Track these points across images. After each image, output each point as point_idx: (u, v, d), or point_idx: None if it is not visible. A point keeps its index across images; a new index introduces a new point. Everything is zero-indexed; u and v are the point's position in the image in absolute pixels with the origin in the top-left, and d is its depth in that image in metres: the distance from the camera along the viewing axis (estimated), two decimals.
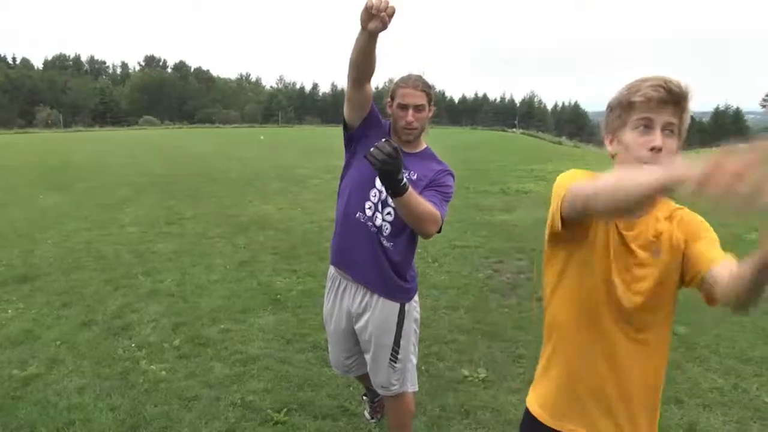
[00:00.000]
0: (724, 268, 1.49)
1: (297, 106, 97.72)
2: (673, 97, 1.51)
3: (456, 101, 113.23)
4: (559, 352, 1.79)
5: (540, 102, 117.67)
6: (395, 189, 2.31)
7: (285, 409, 3.64)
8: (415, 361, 2.96)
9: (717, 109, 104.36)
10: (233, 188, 13.22)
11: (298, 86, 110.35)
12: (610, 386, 1.69)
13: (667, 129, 1.53)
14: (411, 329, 2.87)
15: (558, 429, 1.77)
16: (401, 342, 2.82)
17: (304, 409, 3.69)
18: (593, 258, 1.66)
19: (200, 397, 3.78)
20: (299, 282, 6.25)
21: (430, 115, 2.75)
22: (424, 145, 2.85)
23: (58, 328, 4.86)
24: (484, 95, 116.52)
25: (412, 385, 2.94)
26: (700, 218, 1.67)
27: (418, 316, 2.94)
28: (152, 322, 5.01)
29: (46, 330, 4.80)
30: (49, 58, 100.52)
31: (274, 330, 4.94)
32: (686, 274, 1.61)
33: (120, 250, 7.48)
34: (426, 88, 2.67)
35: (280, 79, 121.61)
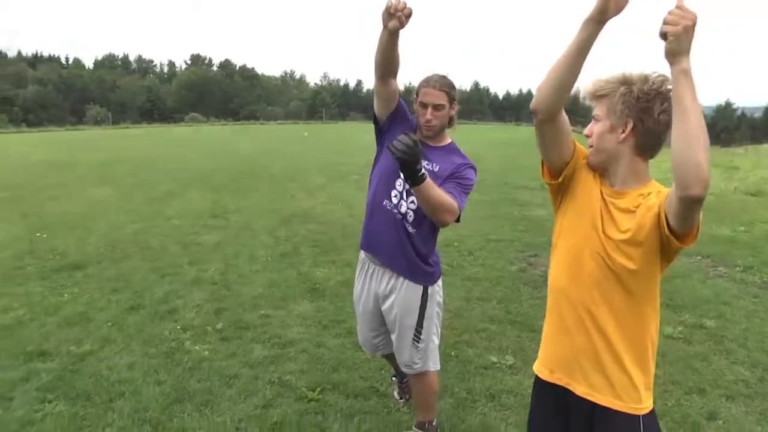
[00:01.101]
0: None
1: (341, 102, 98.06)
2: (589, 95, 1.93)
3: (500, 97, 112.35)
4: (554, 312, 2.01)
5: (584, 98, 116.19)
6: (413, 178, 2.51)
7: (319, 388, 3.86)
8: (437, 341, 3.13)
9: None
10: (276, 183, 13.52)
11: (342, 83, 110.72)
12: (599, 341, 1.88)
13: (594, 118, 1.93)
14: (434, 311, 3.05)
15: (553, 382, 2.00)
16: (424, 323, 3.00)
17: (338, 388, 3.89)
18: (579, 217, 1.93)
19: (240, 376, 4.02)
20: (338, 272, 6.47)
21: (453, 112, 2.92)
22: (448, 140, 3.02)
23: (109, 311, 5.17)
24: (529, 91, 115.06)
25: (434, 365, 3.12)
26: None
27: (441, 299, 3.12)
28: (196, 308, 5.29)
29: (99, 312, 5.12)
30: (99, 58, 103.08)
31: (312, 316, 5.17)
32: (661, 225, 1.76)
33: (166, 241, 7.81)
34: (446, 88, 2.85)
35: (324, 75, 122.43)
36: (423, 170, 2.52)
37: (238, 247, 7.57)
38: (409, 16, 2.44)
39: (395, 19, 2.43)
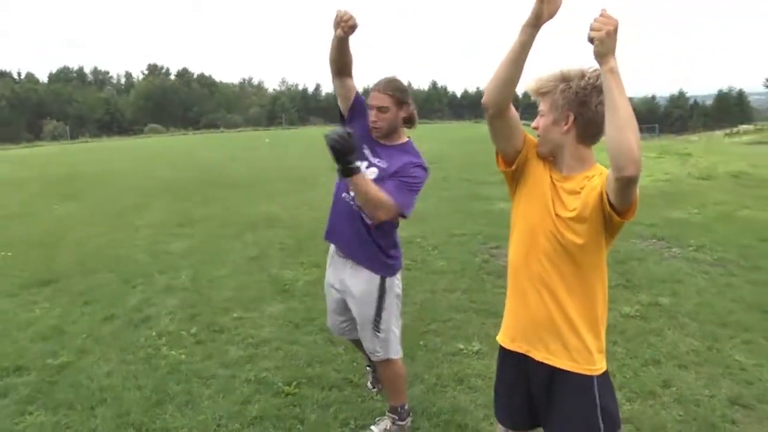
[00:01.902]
0: None
1: (300, 107, 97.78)
2: (533, 93, 2.12)
3: (458, 95, 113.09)
4: (514, 287, 2.24)
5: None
6: (345, 169, 2.75)
7: (295, 383, 4.01)
8: (398, 332, 3.32)
9: (720, 92, 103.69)
10: (241, 190, 13.55)
11: (300, 88, 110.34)
12: (555, 310, 2.11)
13: (539, 113, 2.14)
14: (393, 303, 3.24)
15: (514, 350, 2.23)
16: (383, 314, 3.19)
17: (312, 382, 4.05)
18: (533, 200, 2.15)
19: (217, 376, 4.15)
20: (306, 273, 6.61)
21: (404, 114, 3.11)
22: (404, 139, 3.20)
23: (83, 323, 5.23)
24: None
25: (395, 353, 3.31)
26: None
27: (399, 291, 3.31)
28: (170, 314, 5.38)
29: (72, 325, 5.18)
30: (54, 71, 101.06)
31: (284, 316, 5.31)
32: (604, 203, 1.96)
33: (134, 251, 7.84)
34: (390, 91, 3.05)
35: (283, 81, 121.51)
36: (356, 164, 2.77)
37: (206, 253, 7.66)
38: (352, 27, 2.78)
39: (340, 29, 2.77)
